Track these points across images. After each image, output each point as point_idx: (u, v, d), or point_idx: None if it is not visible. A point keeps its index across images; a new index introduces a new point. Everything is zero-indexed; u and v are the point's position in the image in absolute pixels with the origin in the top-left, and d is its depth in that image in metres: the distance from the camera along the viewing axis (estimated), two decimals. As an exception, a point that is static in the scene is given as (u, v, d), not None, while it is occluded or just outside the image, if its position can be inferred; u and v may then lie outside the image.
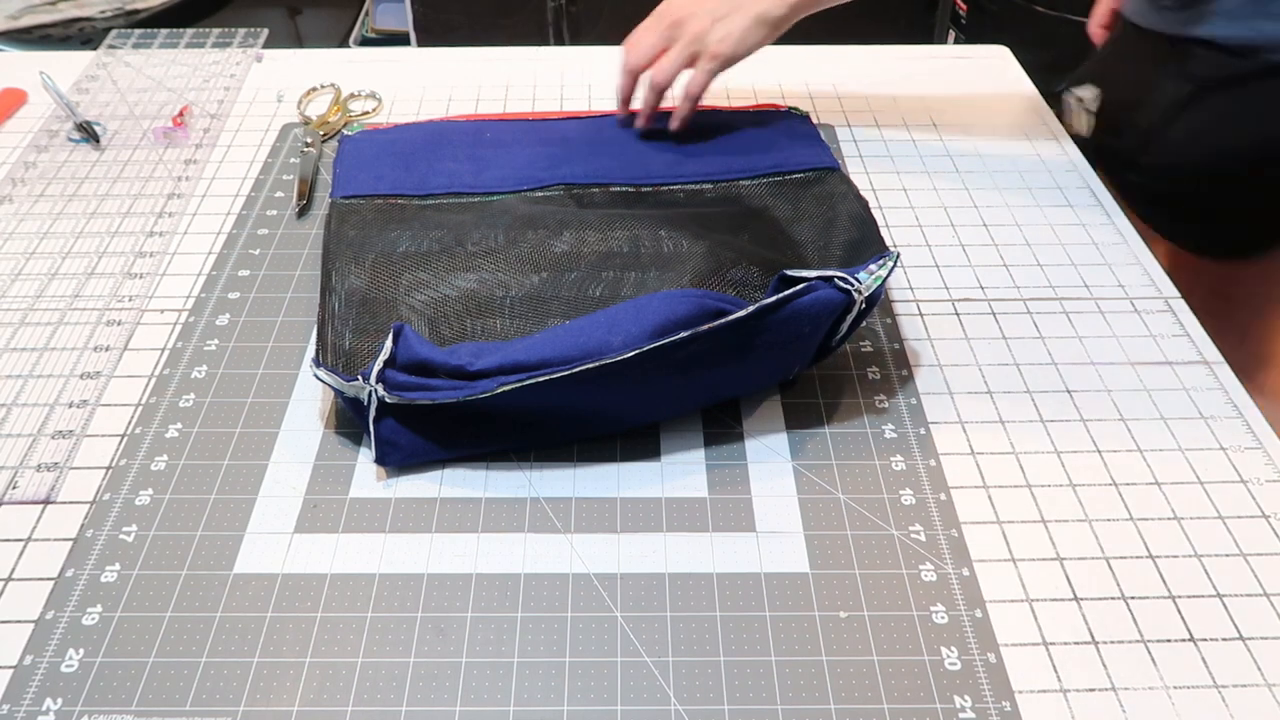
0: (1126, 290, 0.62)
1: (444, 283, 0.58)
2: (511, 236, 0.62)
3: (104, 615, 0.44)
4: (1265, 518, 0.48)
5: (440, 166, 0.70)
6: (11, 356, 0.57)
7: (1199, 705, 0.41)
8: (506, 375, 0.47)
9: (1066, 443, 0.52)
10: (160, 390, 0.54)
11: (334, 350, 0.54)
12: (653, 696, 0.41)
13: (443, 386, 0.48)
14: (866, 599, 0.44)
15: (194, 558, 0.46)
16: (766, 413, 0.53)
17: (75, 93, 0.82)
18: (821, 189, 0.67)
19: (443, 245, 0.61)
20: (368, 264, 0.60)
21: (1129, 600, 0.45)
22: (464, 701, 0.41)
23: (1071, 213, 0.69)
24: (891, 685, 0.41)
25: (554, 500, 0.49)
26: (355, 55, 0.92)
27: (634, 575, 0.45)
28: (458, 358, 0.49)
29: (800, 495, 0.49)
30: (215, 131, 0.78)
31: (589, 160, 0.71)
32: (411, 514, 0.48)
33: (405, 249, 0.61)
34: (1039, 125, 0.79)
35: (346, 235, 0.62)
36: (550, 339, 0.49)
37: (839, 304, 0.49)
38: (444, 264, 0.60)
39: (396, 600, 0.44)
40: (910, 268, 0.64)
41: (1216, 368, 0.56)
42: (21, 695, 0.41)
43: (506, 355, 0.48)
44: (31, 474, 0.50)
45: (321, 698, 0.41)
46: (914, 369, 0.56)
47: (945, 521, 0.48)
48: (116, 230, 0.67)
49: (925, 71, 0.86)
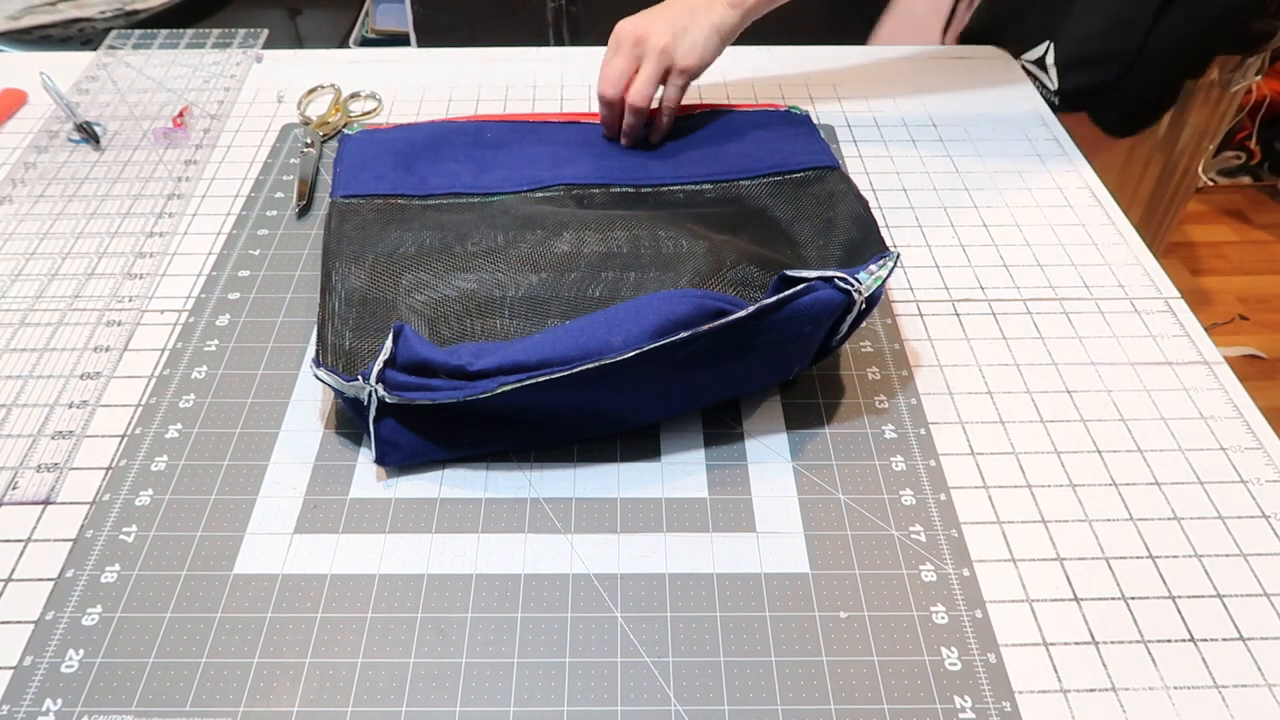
0: (1126, 290, 0.62)
1: (444, 283, 0.58)
2: (511, 237, 0.62)
3: (104, 616, 0.44)
4: (1265, 518, 0.48)
5: (441, 167, 0.70)
6: (11, 357, 0.57)
7: (1199, 705, 0.41)
8: (506, 375, 0.47)
9: (1066, 443, 0.52)
10: (160, 391, 0.54)
11: (334, 350, 0.54)
12: (653, 697, 0.41)
13: (443, 387, 0.48)
14: (866, 599, 0.44)
15: (194, 558, 0.46)
16: (766, 413, 0.53)
17: (75, 93, 0.82)
18: (821, 188, 0.67)
19: (443, 245, 0.61)
20: (368, 264, 0.60)
21: (1129, 600, 0.45)
22: (464, 702, 0.41)
23: (1071, 213, 0.69)
24: (891, 685, 0.41)
25: (554, 500, 0.49)
26: (355, 55, 0.92)
27: (634, 575, 0.45)
28: (458, 358, 0.49)
29: (800, 495, 0.49)
30: (215, 132, 0.78)
31: (590, 161, 0.71)
32: (411, 514, 0.48)
33: (405, 249, 0.61)
34: (1039, 125, 0.79)
35: (347, 235, 0.62)
36: (550, 339, 0.49)
37: (839, 304, 0.48)
38: (444, 264, 0.60)
39: (396, 601, 0.44)
40: (910, 268, 0.64)
41: (1216, 368, 0.56)
42: (21, 696, 0.41)
43: (506, 355, 0.48)
44: (31, 474, 0.50)
45: (321, 698, 0.41)
46: (914, 369, 0.56)
47: (945, 522, 0.48)
48: (116, 231, 0.67)
49: (925, 71, 0.86)
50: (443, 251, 0.61)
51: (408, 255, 0.61)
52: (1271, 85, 1.88)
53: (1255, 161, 2.03)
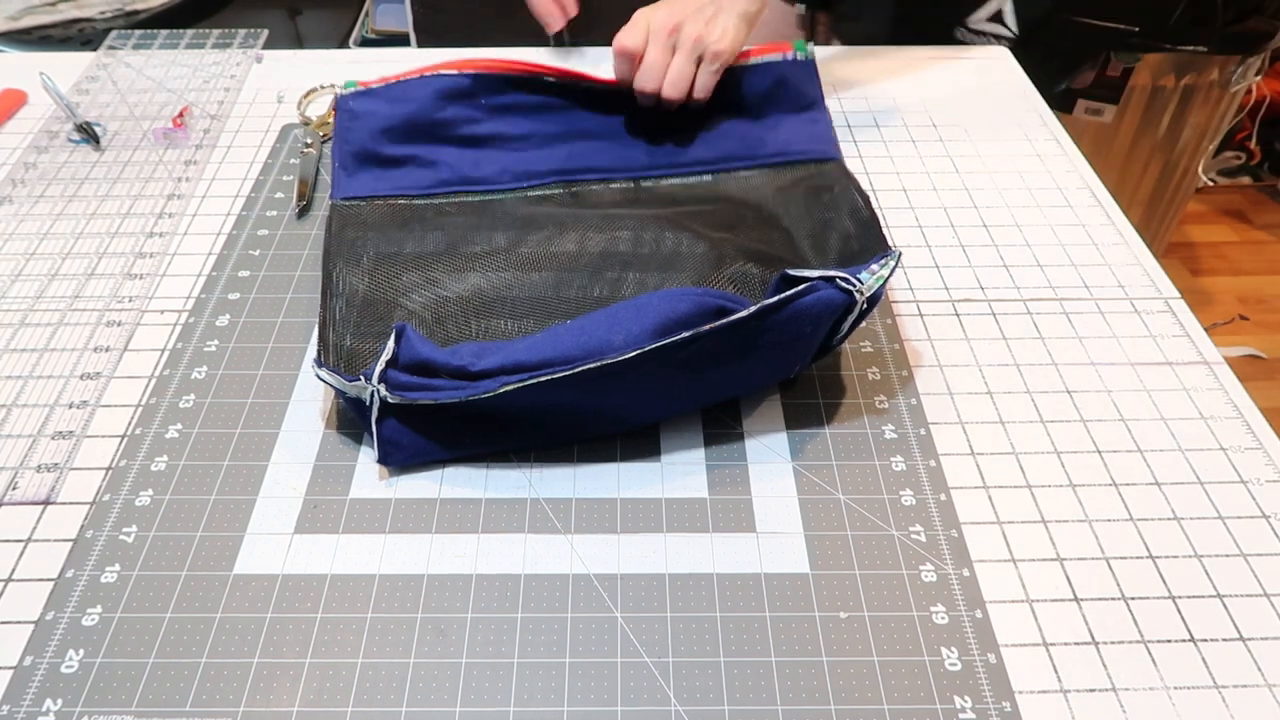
0: (1126, 290, 0.62)
1: (446, 285, 0.58)
2: (513, 239, 0.61)
3: (104, 616, 0.44)
4: (1265, 518, 0.48)
5: (439, 151, 0.69)
6: (11, 357, 0.57)
7: (1199, 706, 0.41)
8: (508, 375, 0.47)
9: (1066, 443, 0.52)
10: (160, 391, 0.54)
11: (335, 351, 0.54)
12: (653, 697, 0.41)
13: (445, 386, 0.48)
14: (866, 599, 0.44)
15: (194, 558, 0.46)
16: (766, 413, 0.53)
17: (75, 93, 0.82)
18: (821, 181, 0.67)
19: (446, 247, 0.61)
20: (369, 266, 0.60)
21: (1129, 600, 0.45)
22: (464, 702, 0.41)
23: (1071, 213, 0.69)
24: (891, 686, 0.41)
25: (554, 501, 0.49)
26: (355, 56, 0.92)
27: (634, 576, 0.45)
28: (460, 358, 0.49)
29: (800, 496, 0.49)
30: (215, 132, 0.78)
31: (589, 147, 0.71)
32: (411, 514, 0.48)
33: (407, 251, 0.61)
34: (1039, 125, 0.79)
35: (347, 238, 0.62)
36: (551, 339, 0.49)
37: (841, 304, 0.48)
38: (445, 266, 0.60)
39: (397, 601, 0.44)
40: (910, 268, 0.64)
41: (1216, 368, 0.56)
42: (21, 696, 0.41)
43: (508, 355, 0.48)
44: (31, 475, 0.50)
45: (321, 698, 0.41)
46: (914, 369, 0.56)
47: (945, 522, 0.48)
48: (116, 231, 0.67)
49: (925, 71, 0.86)
50: (444, 253, 0.61)
51: (409, 257, 0.61)
52: (1271, 85, 1.88)
53: (1255, 161, 2.03)
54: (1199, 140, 0.94)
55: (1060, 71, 0.88)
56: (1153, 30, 0.85)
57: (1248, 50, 0.87)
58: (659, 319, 0.48)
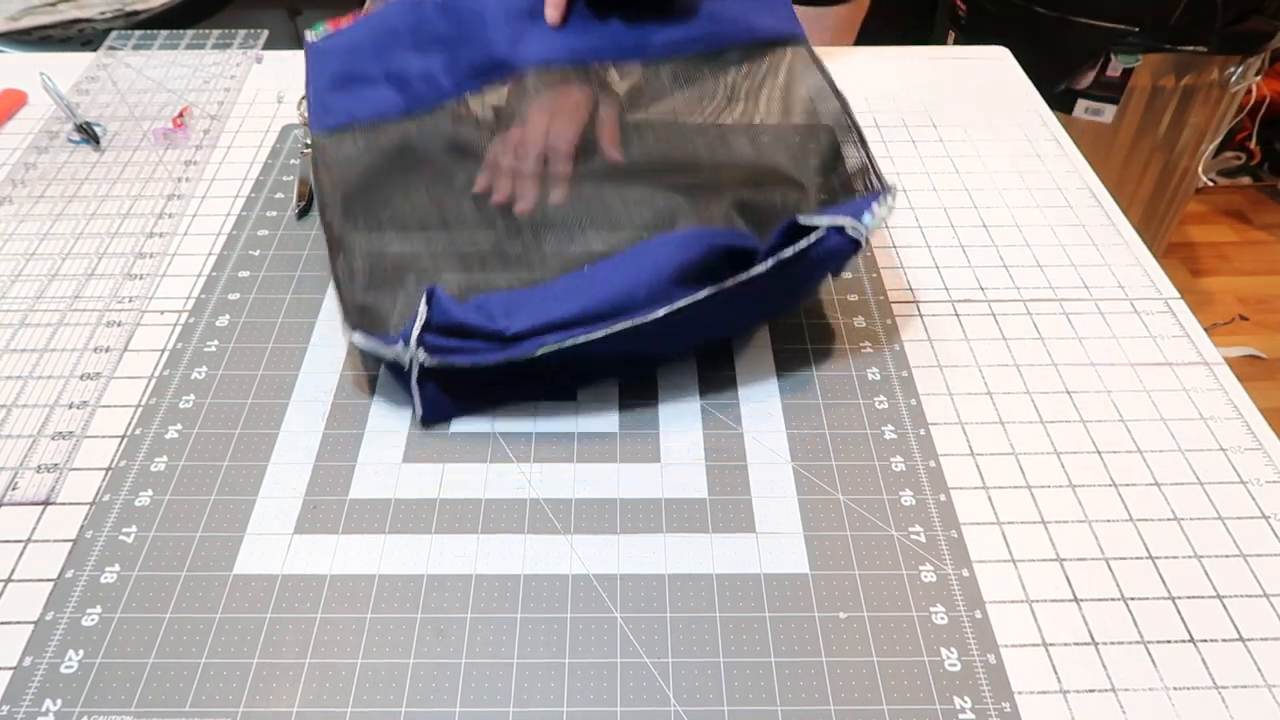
0: (1126, 291, 0.62)
1: (447, 228, 0.60)
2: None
3: (104, 616, 0.44)
4: (1265, 518, 0.48)
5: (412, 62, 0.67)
6: (11, 358, 0.57)
7: (1199, 706, 0.41)
8: (542, 335, 0.49)
9: (1066, 443, 0.52)
10: (160, 391, 0.54)
11: (357, 311, 0.53)
12: (653, 697, 0.41)
13: (481, 348, 0.50)
14: (866, 600, 0.44)
15: (194, 559, 0.46)
16: (767, 413, 0.53)
17: (75, 94, 0.82)
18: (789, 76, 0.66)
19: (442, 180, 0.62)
20: (365, 215, 0.60)
21: (1129, 601, 0.45)
22: (464, 703, 0.41)
23: (1071, 213, 0.69)
24: (891, 686, 0.41)
25: (554, 501, 0.49)
26: (355, 56, 0.92)
27: (634, 576, 0.45)
28: (492, 320, 0.50)
29: (800, 496, 0.49)
30: (215, 133, 0.78)
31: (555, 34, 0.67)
32: (411, 515, 0.48)
33: (404, 190, 0.62)
34: (1039, 125, 0.79)
35: (340, 181, 0.61)
36: (575, 289, 0.51)
37: (849, 252, 0.51)
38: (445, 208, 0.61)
39: (396, 601, 0.44)
40: (910, 268, 0.64)
41: (1216, 368, 0.56)
42: (21, 696, 0.41)
43: (538, 313, 0.50)
44: (31, 475, 0.50)
45: (321, 699, 0.41)
46: (914, 370, 0.56)
47: (945, 522, 0.48)
48: (116, 231, 0.67)
49: (925, 71, 0.86)
50: (441, 196, 0.62)
51: (407, 198, 0.61)
52: (1271, 85, 1.87)
53: (1255, 162, 2.03)
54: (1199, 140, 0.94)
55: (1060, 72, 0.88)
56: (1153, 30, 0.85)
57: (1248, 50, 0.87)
58: (674, 266, 0.50)
